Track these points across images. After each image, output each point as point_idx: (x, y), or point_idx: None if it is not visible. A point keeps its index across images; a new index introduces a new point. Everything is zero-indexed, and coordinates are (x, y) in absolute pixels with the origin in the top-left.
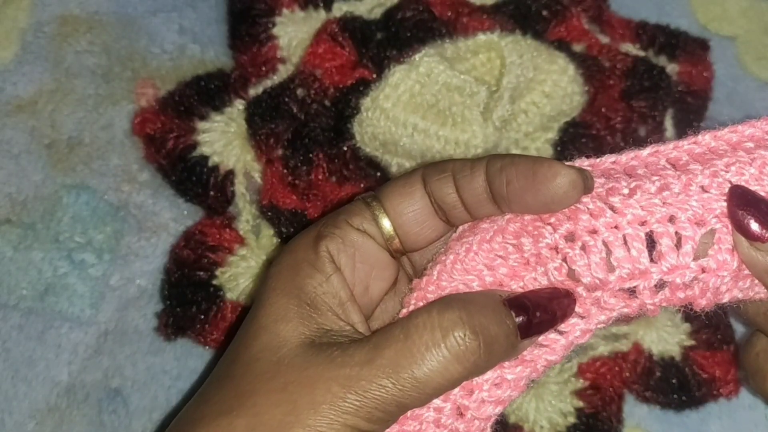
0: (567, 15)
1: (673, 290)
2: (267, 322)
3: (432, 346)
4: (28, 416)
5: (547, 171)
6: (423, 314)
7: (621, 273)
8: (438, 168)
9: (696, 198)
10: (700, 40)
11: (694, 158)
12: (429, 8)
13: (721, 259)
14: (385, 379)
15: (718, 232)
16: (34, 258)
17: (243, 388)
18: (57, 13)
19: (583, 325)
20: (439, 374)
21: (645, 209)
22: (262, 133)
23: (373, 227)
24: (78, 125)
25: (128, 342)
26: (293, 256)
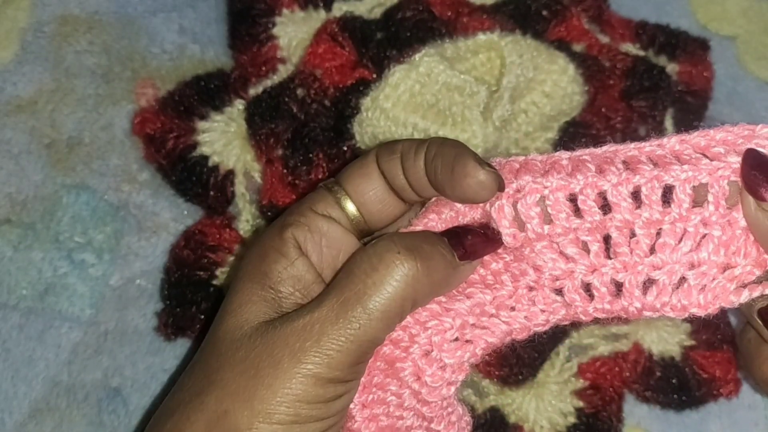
0: (567, 15)
1: (600, 298)
2: (233, 307)
3: (371, 271)
4: (28, 416)
5: (461, 169)
6: (360, 251)
7: (545, 275)
8: (388, 149)
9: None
10: (700, 40)
11: (653, 159)
12: (429, 8)
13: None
14: (336, 317)
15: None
16: (34, 258)
17: (211, 368)
18: (57, 13)
19: (523, 319)
20: (385, 296)
21: (553, 219)
22: (262, 133)
23: (338, 211)
24: (78, 125)
25: (128, 342)
26: (260, 245)
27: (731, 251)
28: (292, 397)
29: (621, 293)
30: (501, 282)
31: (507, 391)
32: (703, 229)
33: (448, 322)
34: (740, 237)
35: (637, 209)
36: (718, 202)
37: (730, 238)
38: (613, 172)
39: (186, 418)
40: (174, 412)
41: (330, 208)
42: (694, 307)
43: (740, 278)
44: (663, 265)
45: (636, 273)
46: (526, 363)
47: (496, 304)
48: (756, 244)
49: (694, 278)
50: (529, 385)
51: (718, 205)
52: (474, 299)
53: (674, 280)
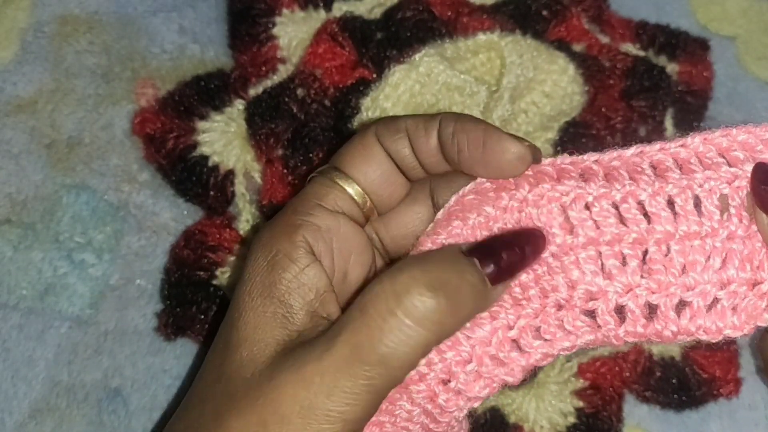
0: (567, 15)
1: (633, 321)
2: (247, 333)
3: (388, 314)
4: (28, 416)
5: (496, 145)
6: (376, 284)
7: (578, 292)
8: (392, 128)
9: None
10: (700, 40)
11: (678, 162)
12: (429, 8)
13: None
14: (348, 366)
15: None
16: (34, 258)
17: (221, 409)
18: (57, 13)
19: (546, 348)
20: (403, 344)
21: (599, 225)
22: (262, 133)
23: (346, 202)
24: (78, 125)
25: (128, 342)
26: (268, 250)
27: (755, 266)
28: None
29: (655, 316)
30: (528, 298)
31: (507, 391)
32: (727, 243)
33: (466, 352)
34: (760, 250)
35: (675, 221)
36: (740, 215)
37: (751, 252)
38: (645, 181)
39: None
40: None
41: (339, 201)
42: (729, 328)
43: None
44: (695, 285)
45: (669, 295)
46: None
47: (521, 326)
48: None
49: (727, 298)
50: (529, 385)
51: (741, 217)
52: (497, 321)
53: (708, 301)
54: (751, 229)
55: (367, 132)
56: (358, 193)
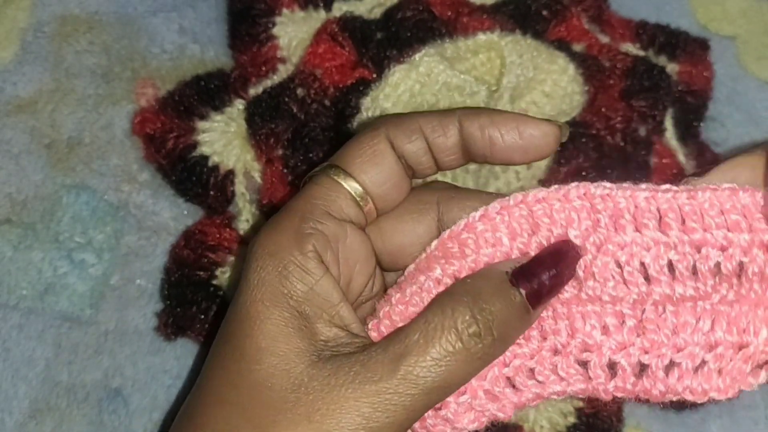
0: (567, 15)
1: (624, 378)
2: (266, 343)
3: (451, 348)
4: (28, 416)
5: (533, 130)
6: (437, 314)
7: (576, 341)
8: (406, 128)
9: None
10: (700, 40)
11: (682, 215)
12: (429, 8)
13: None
14: (413, 389)
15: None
16: (34, 258)
17: (259, 420)
18: (57, 13)
19: (538, 389)
20: (460, 373)
21: (600, 285)
22: (262, 133)
23: (352, 207)
24: (78, 125)
25: (128, 342)
26: (278, 259)
27: (741, 329)
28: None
29: (644, 374)
30: (528, 338)
31: None
32: (717, 306)
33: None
34: (747, 313)
35: (673, 282)
36: (731, 282)
37: (738, 315)
38: (649, 237)
39: None
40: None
41: (345, 207)
42: (714, 391)
43: (755, 358)
44: (685, 346)
45: (660, 355)
46: None
47: (516, 365)
48: (765, 321)
49: (713, 361)
50: None
51: (731, 284)
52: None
53: (696, 363)
54: (740, 294)
55: (378, 133)
56: (361, 195)
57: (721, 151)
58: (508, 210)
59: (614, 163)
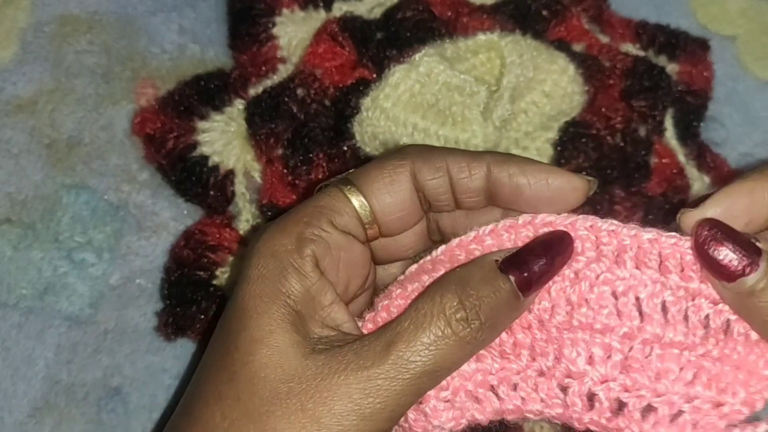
0: (567, 15)
1: (600, 411)
2: (261, 335)
3: (440, 333)
4: (28, 415)
5: (562, 183)
6: (427, 302)
7: (561, 366)
8: (432, 164)
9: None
10: (700, 40)
11: (683, 264)
12: (429, 8)
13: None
14: (403, 374)
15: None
16: (34, 257)
17: (255, 412)
18: (57, 13)
19: (519, 402)
20: (450, 358)
21: (594, 312)
22: (262, 132)
23: (356, 223)
24: (78, 125)
25: (128, 341)
26: (278, 260)
27: (721, 388)
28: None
29: (621, 413)
30: (518, 355)
31: None
32: (700, 360)
33: (445, 381)
34: (728, 374)
35: (665, 324)
36: (718, 338)
37: (720, 373)
38: (649, 276)
39: None
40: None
41: (350, 221)
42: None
43: (730, 416)
44: (665, 392)
45: (639, 396)
46: None
47: (501, 376)
48: (744, 384)
49: (689, 413)
50: None
51: (718, 340)
52: (482, 364)
53: (673, 411)
54: (723, 352)
55: (403, 162)
56: (367, 217)
57: (720, 150)
58: (515, 228)
59: (614, 163)
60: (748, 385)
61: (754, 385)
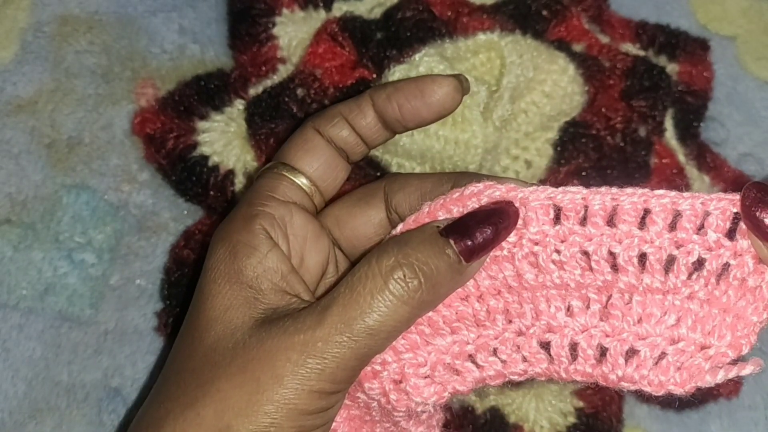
0: (567, 15)
1: (584, 359)
2: (216, 314)
3: (376, 292)
4: (28, 416)
5: (431, 85)
6: (363, 265)
7: (540, 323)
8: (328, 116)
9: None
10: (700, 40)
11: (678, 212)
12: (429, 8)
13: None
14: (339, 335)
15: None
16: (34, 258)
17: (204, 378)
18: (57, 13)
19: (499, 367)
20: (389, 318)
21: (566, 272)
22: (262, 133)
23: (296, 192)
24: (78, 125)
25: (128, 342)
26: (228, 242)
27: (706, 331)
28: (296, 411)
29: (604, 359)
30: (493, 321)
31: (507, 391)
32: (686, 303)
33: (422, 357)
34: (716, 317)
35: (641, 273)
36: (708, 281)
37: (707, 316)
38: (623, 231)
39: (181, 431)
40: (163, 423)
41: (288, 192)
42: (671, 384)
43: (715, 359)
44: (647, 335)
45: (621, 340)
46: None
47: (479, 343)
48: (731, 327)
49: (673, 354)
50: (529, 384)
51: (707, 282)
52: (458, 335)
53: (656, 354)
54: (713, 294)
55: (306, 126)
56: (305, 184)
57: (720, 150)
58: (462, 200)
59: (614, 163)
60: (735, 329)
61: (741, 329)
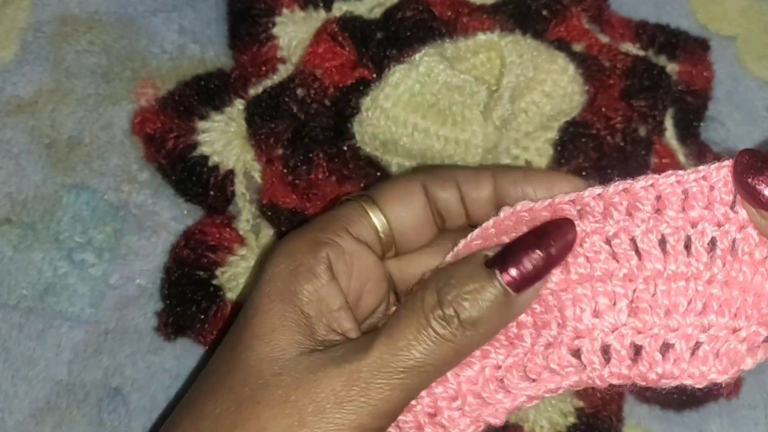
0: (567, 15)
1: (619, 361)
2: (263, 331)
3: (421, 329)
4: (28, 415)
5: (564, 185)
6: (409, 299)
7: (567, 330)
8: (441, 176)
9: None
10: (700, 40)
11: (689, 195)
12: (429, 8)
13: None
14: (384, 367)
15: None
16: (34, 258)
17: (244, 401)
18: (57, 13)
19: (531, 390)
20: (433, 355)
21: (589, 261)
22: (262, 132)
23: (372, 234)
24: (78, 125)
25: (128, 341)
26: (291, 260)
27: (732, 313)
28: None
29: (639, 358)
30: (521, 337)
31: None
32: (708, 288)
33: (452, 389)
34: (737, 298)
35: (664, 258)
36: (725, 260)
37: (729, 298)
38: (641, 218)
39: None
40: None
41: (365, 231)
42: (713, 373)
43: (749, 339)
44: (678, 327)
45: (654, 336)
46: None
47: (508, 365)
48: (755, 306)
49: (708, 342)
50: None
51: (724, 262)
52: (488, 360)
53: (691, 344)
54: (730, 275)
55: (414, 176)
56: (384, 228)
57: (720, 150)
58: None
59: (614, 162)
60: (760, 307)
61: (766, 305)
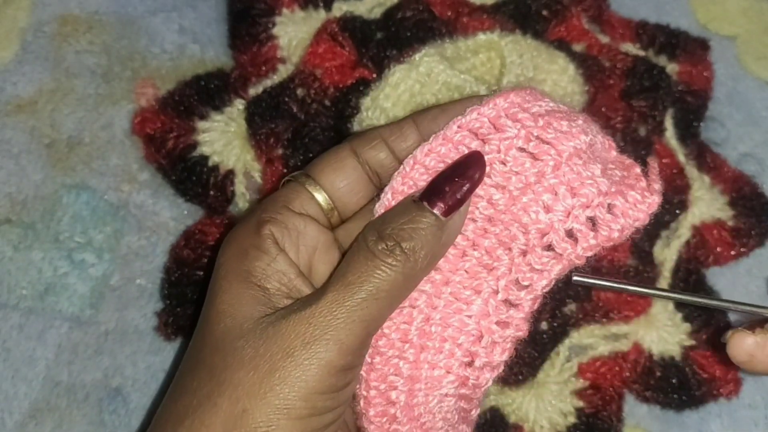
0: (567, 15)
1: (584, 236)
2: (224, 308)
3: (368, 262)
4: (29, 416)
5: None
6: (353, 244)
7: (532, 234)
8: (368, 137)
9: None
10: (700, 40)
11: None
12: (429, 8)
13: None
14: (341, 303)
15: None
16: (34, 258)
17: (216, 369)
18: (57, 13)
19: (531, 294)
20: (383, 284)
21: (520, 173)
22: (262, 132)
23: (313, 206)
24: (78, 125)
25: (128, 341)
26: (238, 243)
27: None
28: (308, 389)
29: (597, 226)
30: (497, 258)
31: (507, 391)
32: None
33: (475, 330)
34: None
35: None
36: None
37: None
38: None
39: (200, 423)
40: (184, 417)
41: (305, 204)
42: (647, 202)
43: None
44: (608, 189)
45: (598, 204)
46: (526, 363)
47: (503, 286)
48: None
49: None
50: (529, 385)
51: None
52: (484, 292)
53: (628, 198)
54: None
55: (343, 144)
56: (325, 200)
57: (720, 150)
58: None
59: None
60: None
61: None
